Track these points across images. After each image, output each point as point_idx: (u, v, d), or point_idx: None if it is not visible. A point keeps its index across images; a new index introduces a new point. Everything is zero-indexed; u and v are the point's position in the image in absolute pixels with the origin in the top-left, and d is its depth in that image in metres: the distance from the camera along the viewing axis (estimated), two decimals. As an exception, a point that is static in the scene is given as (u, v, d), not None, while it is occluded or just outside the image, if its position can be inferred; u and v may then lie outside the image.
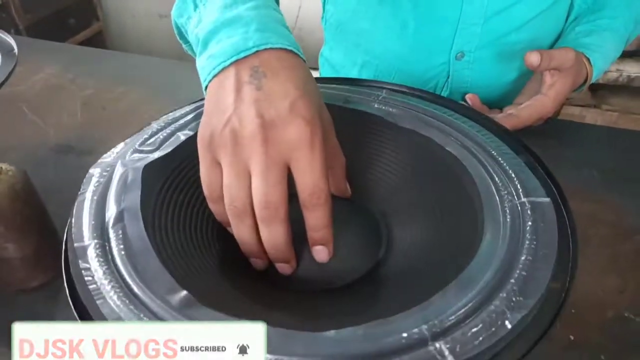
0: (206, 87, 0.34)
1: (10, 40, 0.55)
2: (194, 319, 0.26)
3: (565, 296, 0.28)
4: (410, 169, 0.40)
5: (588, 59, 0.57)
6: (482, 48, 0.60)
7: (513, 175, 0.34)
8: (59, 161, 0.59)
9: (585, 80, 0.58)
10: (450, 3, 0.57)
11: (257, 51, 0.32)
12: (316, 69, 0.81)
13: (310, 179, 0.30)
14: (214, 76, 0.33)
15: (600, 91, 1.40)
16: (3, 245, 0.40)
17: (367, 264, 0.36)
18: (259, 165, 0.30)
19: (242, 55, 0.32)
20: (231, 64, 0.32)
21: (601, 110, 1.36)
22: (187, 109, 0.42)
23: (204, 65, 0.34)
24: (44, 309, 0.43)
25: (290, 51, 0.33)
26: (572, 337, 0.40)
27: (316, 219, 0.32)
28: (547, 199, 0.32)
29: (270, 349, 0.25)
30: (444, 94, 0.65)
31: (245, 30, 0.33)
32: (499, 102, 0.66)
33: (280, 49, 0.32)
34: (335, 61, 0.73)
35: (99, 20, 2.01)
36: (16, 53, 0.53)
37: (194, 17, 0.39)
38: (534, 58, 0.52)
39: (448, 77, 0.63)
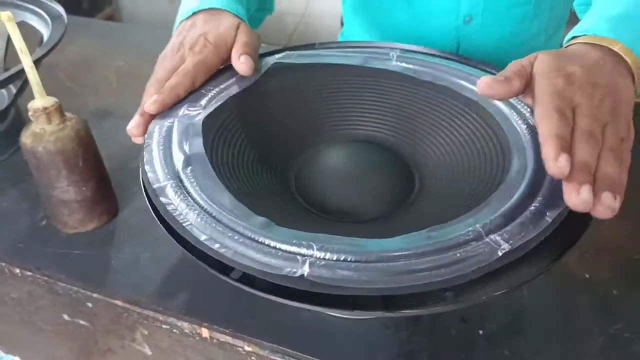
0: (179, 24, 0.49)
1: (58, 7, 0.58)
2: (278, 234, 0.30)
3: None
4: (433, 115, 0.44)
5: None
6: (488, 10, 0.62)
7: (529, 111, 0.38)
8: (100, 123, 0.62)
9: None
10: None
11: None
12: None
13: None
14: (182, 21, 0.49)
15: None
16: (65, 187, 0.44)
17: (408, 194, 0.40)
18: None
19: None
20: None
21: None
22: (222, 75, 0.47)
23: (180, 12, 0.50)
24: (100, 251, 0.46)
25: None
26: (587, 276, 0.44)
27: None
28: None
29: (346, 251, 0.28)
30: None
31: None
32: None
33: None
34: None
35: (111, 4, 2.04)
36: (65, 19, 0.56)
37: None
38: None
39: (459, 44, 0.66)
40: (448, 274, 0.27)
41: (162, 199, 0.34)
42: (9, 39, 0.62)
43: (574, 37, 0.38)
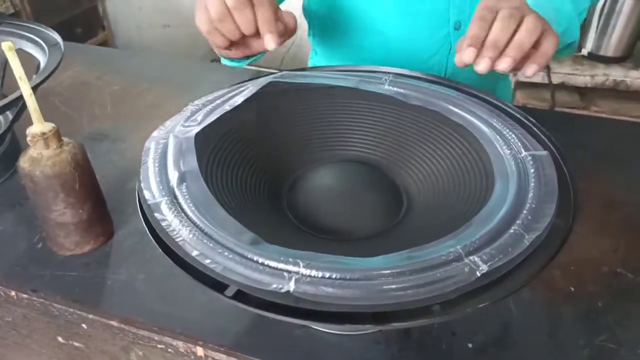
0: None
1: (55, 34, 0.60)
2: (266, 251, 0.31)
3: (573, 219, 0.33)
4: (422, 138, 0.46)
5: None
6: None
7: (514, 137, 0.40)
8: (95, 147, 0.64)
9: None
10: None
11: None
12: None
13: None
14: None
15: (588, 94, 1.47)
16: (62, 210, 0.45)
17: (396, 214, 0.41)
18: None
19: None
20: None
21: (589, 112, 1.44)
22: (217, 93, 0.48)
23: None
24: (96, 272, 0.47)
25: None
26: (572, 289, 0.45)
27: None
28: (545, 152, 0.38)
29: (330, 268, 0.29)
30: (450, 65, 0.70)
31: None
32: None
33: None
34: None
35: (104, 30, 2.07)
36: (62, 46, 0.58)
37: None
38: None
39: (450, 49, 0.68)
40: (427, 293, 0.28)
41: (157, 215, 0.35)
42: (5, 67, 0.63)
43: None
